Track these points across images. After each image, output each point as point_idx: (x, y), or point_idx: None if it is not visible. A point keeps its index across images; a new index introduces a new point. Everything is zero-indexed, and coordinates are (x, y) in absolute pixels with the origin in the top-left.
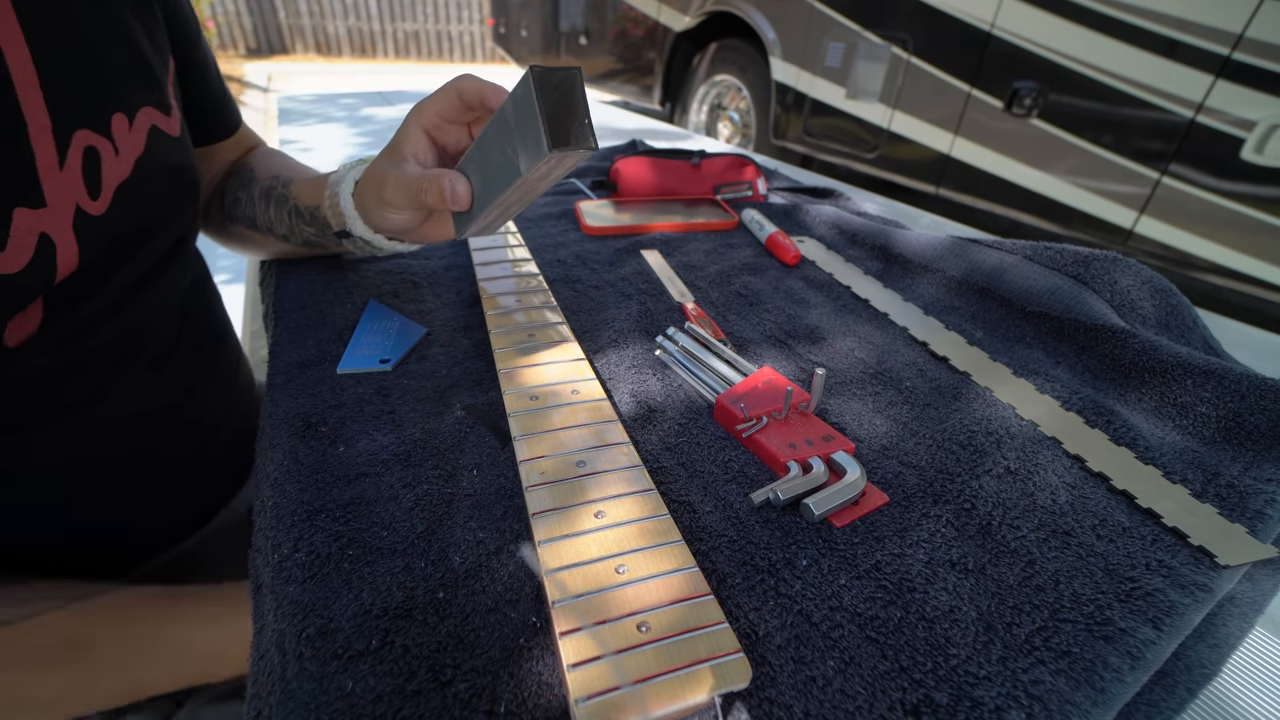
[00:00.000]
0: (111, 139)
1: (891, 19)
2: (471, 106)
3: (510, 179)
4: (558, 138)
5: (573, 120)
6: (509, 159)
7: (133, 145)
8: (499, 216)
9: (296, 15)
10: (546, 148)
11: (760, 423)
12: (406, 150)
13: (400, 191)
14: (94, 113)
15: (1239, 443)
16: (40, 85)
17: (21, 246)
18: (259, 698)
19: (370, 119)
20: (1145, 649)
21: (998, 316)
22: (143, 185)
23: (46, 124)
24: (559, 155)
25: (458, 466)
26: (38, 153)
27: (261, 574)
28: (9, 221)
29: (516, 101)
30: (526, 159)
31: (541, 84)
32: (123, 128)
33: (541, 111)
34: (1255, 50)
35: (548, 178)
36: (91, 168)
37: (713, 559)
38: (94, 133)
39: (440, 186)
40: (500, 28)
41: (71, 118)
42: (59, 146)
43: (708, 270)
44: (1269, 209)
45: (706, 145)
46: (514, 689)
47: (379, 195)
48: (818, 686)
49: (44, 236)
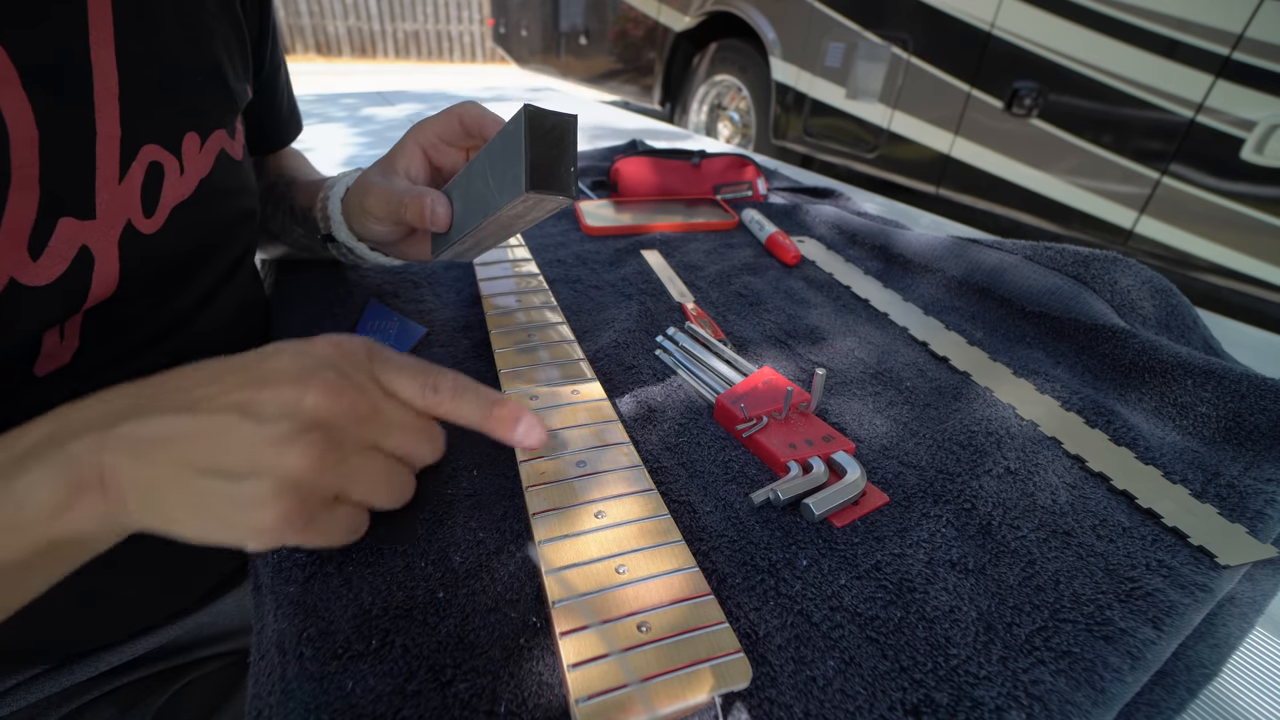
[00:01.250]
0: (180, 158)
1: (891, 19)
2: (471, 132)
3: (486, 211)
4: (537, 180)
5: (558, 167)
6: (489, 191)
7: (200, 166)
8: (474, 246)
9: (296, 15)
10: (524, 187)
11: (760, 423)
12: (400, 164)
13: (381, 202)
14: (168, 129)
15: (1239, 443)
16: (119, 96)
17: (58, 257)
18: (259, 698)
19: (370, 119)
20: (1145, 649)
21: (998, 316)
22: (202, 207)
23: (116, 134)
24: (535, 198)
25: (458, 466)
26: (99, 163)
27: (261, 574)
28: (51, 230)
29: (505, 136)
30: (504, 194)
31: (533, 124)
32: (194, 148)
33: (527, 151)
34: (1255, 50)
35: (524, 218)
36: (152, 184)
37: (713, 559)
38: (163, 149)
39: (421, 204)
40: (500, 28)
41: (144, 132)
42: (123, 159)
43: (708, 270)
44: (1269, 209)
45: (706, 145)
46: (514, 689)
47: (361, 203)
48: (818, 686)
49: (84, 249)
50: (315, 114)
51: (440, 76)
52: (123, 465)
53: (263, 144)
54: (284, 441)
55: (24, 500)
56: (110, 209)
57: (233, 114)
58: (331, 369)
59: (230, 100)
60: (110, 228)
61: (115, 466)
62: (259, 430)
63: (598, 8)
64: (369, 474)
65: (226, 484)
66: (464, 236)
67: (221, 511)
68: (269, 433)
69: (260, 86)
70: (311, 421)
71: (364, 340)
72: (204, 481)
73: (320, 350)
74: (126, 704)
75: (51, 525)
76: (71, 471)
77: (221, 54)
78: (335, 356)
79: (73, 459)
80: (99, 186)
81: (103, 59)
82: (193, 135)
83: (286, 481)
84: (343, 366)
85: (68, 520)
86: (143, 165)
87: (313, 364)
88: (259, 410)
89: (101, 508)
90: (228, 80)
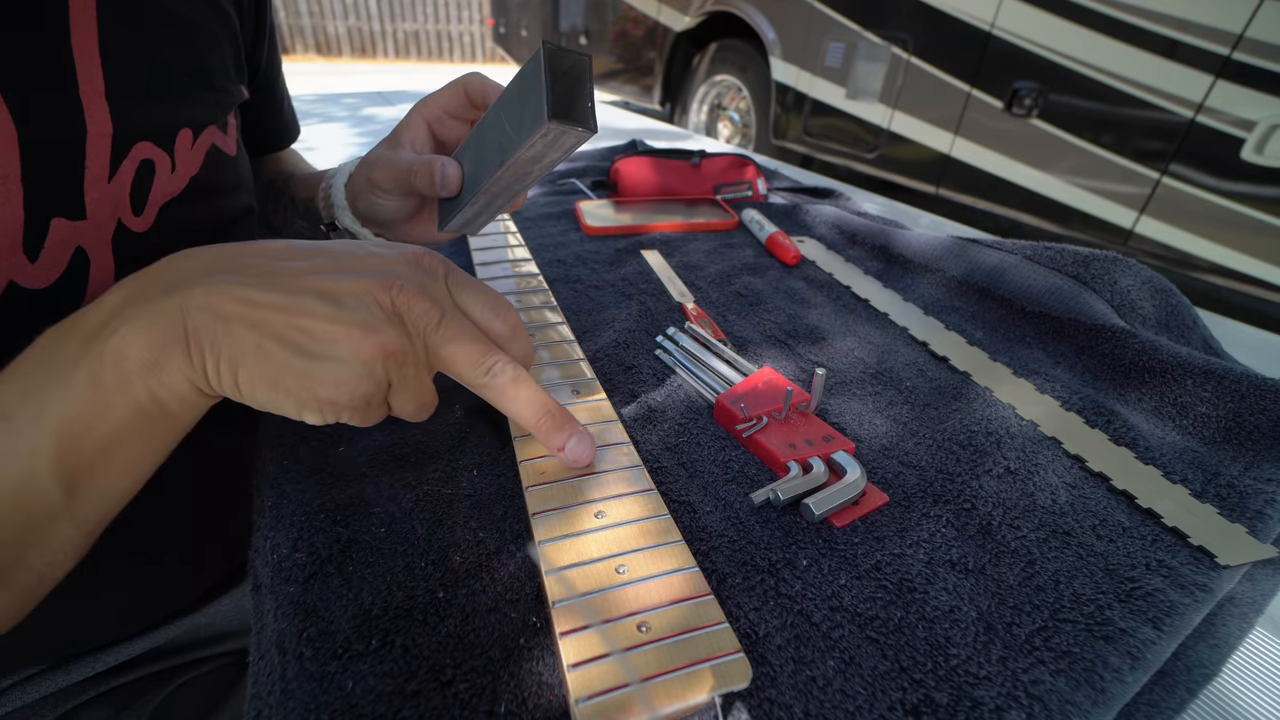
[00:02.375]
0: (172, 155)
1: (891, 19)
2: (475, 103)
3: (505, 155)
4: (559, 110)
5: (577, 100)
6: (506, 135)
7: (191, 163)
8: (485, 208)
9: (296, 15)
10: (546, 116)
11: (760, 423)
12: (405, 138)
13: (390, 173)
14: (161, 126)
15: (1239, 443)
16: (106, 95)
17: (54, 260)
18: (259, 698)
19: (371, 119)
20: (1145, 649)
21: (998, 316)
22: (192, 205)
23: (108, 131)
24: (557, 130)
25: (458, 466)
26: (89, 161)
27: (261, 574)
28: (45, 231)
29: (523, 78)
30: (524, 132)
31: (552, 60)
32: (186, 145)
33: (548, 83)
34: (1255, 50)
35: (541, 160)
36: (142, 182)
37: (713, 559)
38: (156, 146)
39: (431, 169)
40: (500, 28)
41: (137, 129)
42: (115, 157)
43: (708, 270)
44: (1269, 209)
45: (706, 145)
46: (514, 689)
47: (369, 177)
48: (818, 686)
49: (79, 251)
50: (315, 114)
51: (440, 76)
52: (205, 326)
53: (263, 146)
54: (365, 329)
55: (119, 358)
56: (100, 208)
57: (224, 111)
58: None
59: (222, 98)
60: (102, 228)
61: (200, 325)
62: (340, 314)
63: (598, 8)
64: (415, 383)
65: (304, 360)
66: (475, 198)
67: (293, 384)
68: (351, 318)
69: (262, 89)
70: (391, 316)
71: (443, 259)
72: (283, 353)
73: (403, 256)
74: (123, 704)
75: (146, 383)
76: (160, 327)
77: (211, 52)
78: (414, 266)
79: (160, 314)
80: (88, 185)
81: (86, 59)
82: (185, 132)
83: (362, 368)
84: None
85: (161, 378)
86: (134, 163)
87: (395, 267)
88: (341, 298)
89: (189, 366)
90: (218, 79)
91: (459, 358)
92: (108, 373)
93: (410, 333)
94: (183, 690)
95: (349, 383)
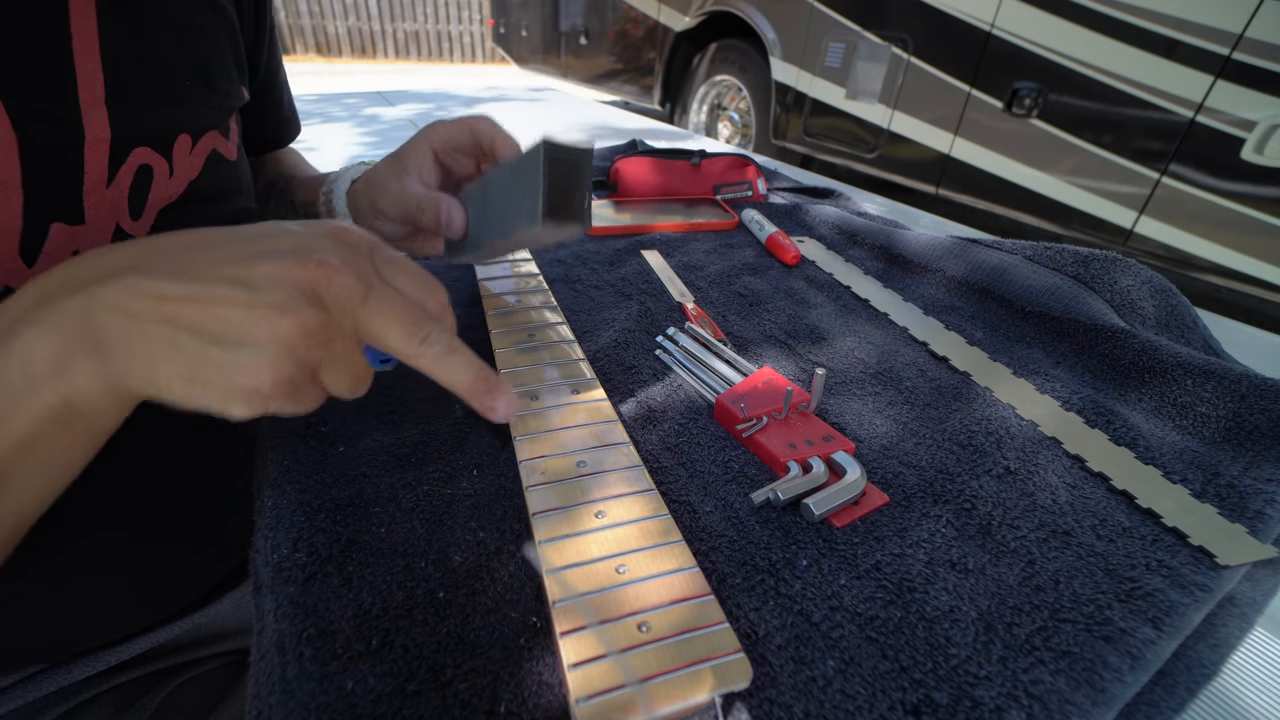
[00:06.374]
0: (170, 160)
1: (891, 19)
2: (483, 148)
3: (501, 232)
4: (553, 211)
5: (573, 197)
6: (505, 213)
7: (190, 168)
8: (487, 255)
9: (296, 15)
10: (540, 216)
11: (760, 423)
12: (411, 164)
13: (397, 205)
14: (160, 131)
15: (1239, 443)
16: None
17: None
18: (259, 698)
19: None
20: (1145, 649)
21: (998, 316)
22: (190, 209)
23: (106, 137)
24: (551, 230)
25: (458, 466)
26: (88, 167)
27: (261, 574)
28: (44, 236)
29: (523, 165)
30: (519, 221)
31: (551, 157)
32: (184, 149)
33: (545, 183)
34: (1255, 50)
35: (538, 240)
36: (140, 187)
37: (713, 559)
38: (154, 151)
39: (437, 210)
40: (500, 28)
41: (135, 134)
42: (113, 162)
43: (708, 270)
44: (1269, 209)
45: (706, 145)
46: (514, 689)
47: (374, 202)
48: (818, 686)
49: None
50: (316, 114)
51: (440, 77)
52: (115, 323)
53: (264, 144)
54: (279, 311)
55: (24, 360)
56: (98, 213)
57: (226, 114)
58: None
59: (223, 101)
60: (100, 232)
61: (108, 325)
62: (254, 298)
63: (598, 8)
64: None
65: (219, 350)
66: (479, 249)
67: (212, 376)
68: (265, 300)
69: (262, 87)
70: (308, 295)
71: (369, 235)
72: (197, 345)
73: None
74: (123, 703)
75: (55, 386)
76: (66, 328)
77: (212, 55)
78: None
79: (66, 316)
80: (87, 190)
81: (87, 64)
82: (184, 137)
83: (280, 351)
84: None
85: (69, 381)
86: (132, 168)
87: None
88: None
89: (99, 368)
90: (219, 81)
91: (390, 329)
92: (15, 375)
93: (331, 309)
94: (183, 690)
95: (270, 368)
